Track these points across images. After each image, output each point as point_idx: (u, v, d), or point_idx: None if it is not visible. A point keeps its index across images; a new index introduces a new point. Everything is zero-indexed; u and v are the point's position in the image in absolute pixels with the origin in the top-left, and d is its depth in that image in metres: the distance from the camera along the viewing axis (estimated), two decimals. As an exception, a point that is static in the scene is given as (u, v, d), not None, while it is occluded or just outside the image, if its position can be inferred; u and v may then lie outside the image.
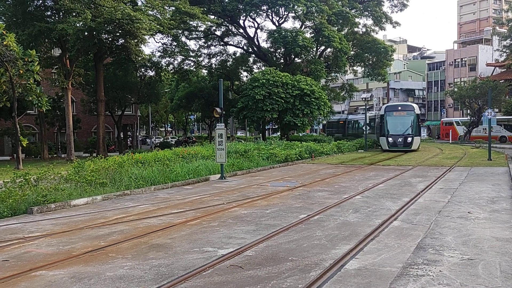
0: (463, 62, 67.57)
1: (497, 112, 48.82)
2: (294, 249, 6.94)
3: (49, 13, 29.80)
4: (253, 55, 46.72)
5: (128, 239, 7.75)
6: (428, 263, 6.13)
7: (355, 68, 50.48)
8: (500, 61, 57.72)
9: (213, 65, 47.28)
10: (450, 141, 51.65)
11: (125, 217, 9.83)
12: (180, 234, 8.09)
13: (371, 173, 18.69)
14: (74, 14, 26.74)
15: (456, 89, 54.76)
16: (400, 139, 33.07)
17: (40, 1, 29.16)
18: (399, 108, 34.58)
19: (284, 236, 7.80)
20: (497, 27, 58.25)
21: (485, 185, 14.09)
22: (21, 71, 20.96)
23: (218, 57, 47.30)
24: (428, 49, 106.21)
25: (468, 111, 54.36)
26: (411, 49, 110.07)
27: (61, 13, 28.40)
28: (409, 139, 32.91)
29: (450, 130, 54.59)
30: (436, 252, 6.63)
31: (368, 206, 10.68)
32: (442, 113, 70.57)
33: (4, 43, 20.15)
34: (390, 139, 33.31)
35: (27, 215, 10.37)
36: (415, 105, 35.37)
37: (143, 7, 30.43)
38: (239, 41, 46.11)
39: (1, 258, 6.78)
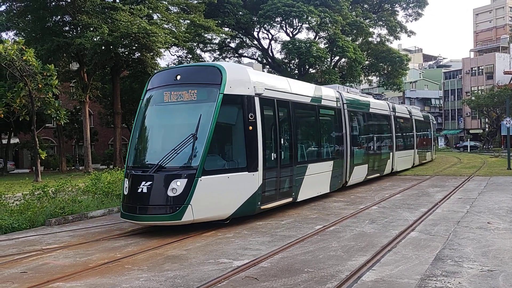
0: (480, 70, 66.74)
1: (515, 121, 47.96)
2: (309, 261, 6.88)
3: (67, 28, 30.42)
4: (268, 66, 46.89)
5: (143, 251, 7.78)
6: (447, 274, 6.01)
7: (370, 77, 50.34)
8: (518, 69, 56.93)
9: (228, 77, 47.53)
10: (469, 150, 50.86)
11: (140, 228, 9.87)
12: (195, 246, 8.09)
13: (387, 183, 18.49)
14: (91, 29, 27.26)
15: (473, 98, 54.16)
16: (141, 187, 8.78)
17: (59, 17, 29.82)
18: (177, 77, 9.84)
19: (300, 247, 7.74)
20: (514, 35, 57.63)
21: (505, 194, 13.81)
22: (40, 85, 21.41)
23: (233, 69, 47.57)
24: (444, 58, 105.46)
25: (486, 120, 53.57)
26: (426, 58, 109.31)
27: (79, 28, 28.96)
28: (178, 184, 8.58)
29: None
30: (455, 264, 6.50)
31: (384, 216, 10.55)
32: (460, 122, 69.68)
33: (24, 58, 20.62)
34: (126, 184, 9.41)
35: (45, 227, 10.49)
36: (249, 70, 10.42)
37: (158, 20, 30.85)
38: (254, 53, 46.44)
39: (20, 270, 6.86)
